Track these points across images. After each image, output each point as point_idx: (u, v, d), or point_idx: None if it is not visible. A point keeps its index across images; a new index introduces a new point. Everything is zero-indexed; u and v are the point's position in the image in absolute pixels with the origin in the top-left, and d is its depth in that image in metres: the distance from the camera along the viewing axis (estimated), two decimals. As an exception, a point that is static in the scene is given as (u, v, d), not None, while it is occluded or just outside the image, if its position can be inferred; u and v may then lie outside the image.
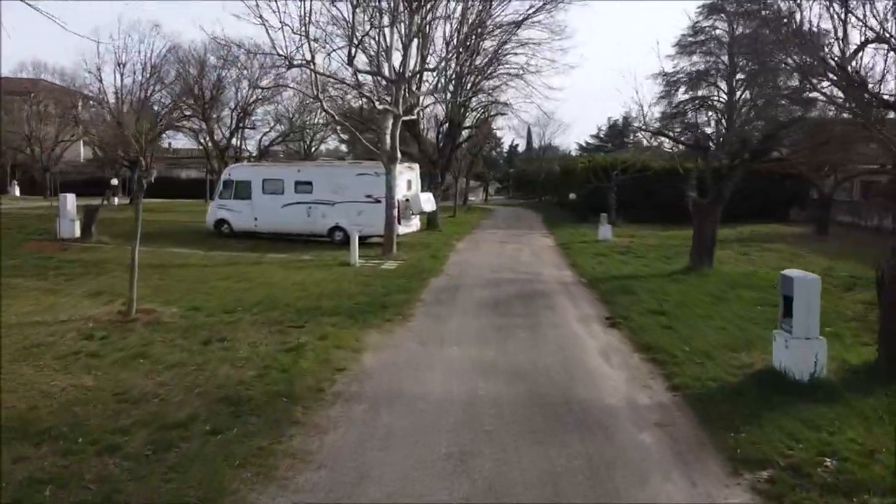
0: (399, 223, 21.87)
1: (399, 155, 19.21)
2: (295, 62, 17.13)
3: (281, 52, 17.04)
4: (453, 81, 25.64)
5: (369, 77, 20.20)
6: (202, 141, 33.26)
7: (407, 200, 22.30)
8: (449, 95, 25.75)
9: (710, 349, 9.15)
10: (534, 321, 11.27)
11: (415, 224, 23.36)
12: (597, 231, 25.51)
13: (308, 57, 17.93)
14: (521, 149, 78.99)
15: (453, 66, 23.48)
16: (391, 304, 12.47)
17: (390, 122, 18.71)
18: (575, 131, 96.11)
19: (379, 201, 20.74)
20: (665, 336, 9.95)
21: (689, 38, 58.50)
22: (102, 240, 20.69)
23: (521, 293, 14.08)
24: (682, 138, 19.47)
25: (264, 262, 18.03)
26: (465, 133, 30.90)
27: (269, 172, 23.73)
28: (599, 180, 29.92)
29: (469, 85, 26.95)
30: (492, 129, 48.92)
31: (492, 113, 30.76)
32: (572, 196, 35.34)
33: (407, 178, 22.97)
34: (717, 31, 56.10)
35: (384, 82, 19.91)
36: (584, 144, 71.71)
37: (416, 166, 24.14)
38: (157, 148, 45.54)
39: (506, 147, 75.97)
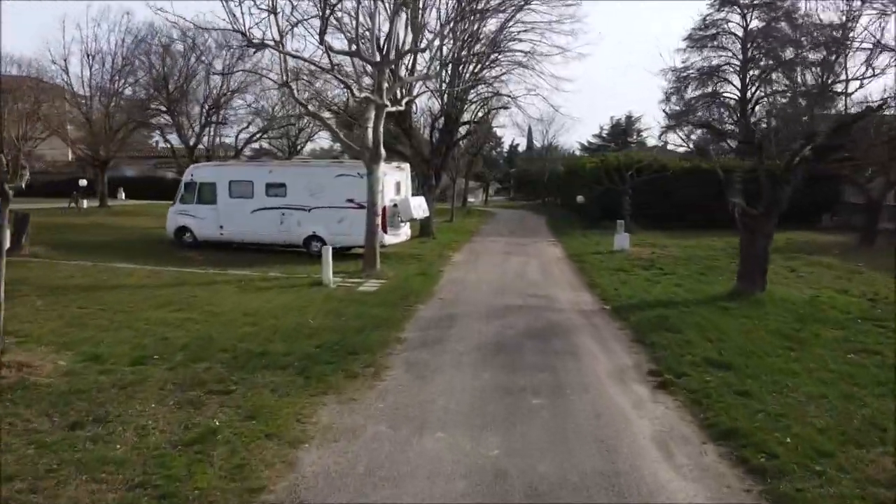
0: (385, 232, 18.88)
1: (384, 153, 16.18)
2: (254, 41, 14.07)
3: (238, 29, 13.98)
4: (449, 67, 22.55)
5: (350, 61, 17.09)
6: (167, 138, 30.21)
7: (395, 206, 19.31)
8: (444, 85, 22.76)
9: (821, 440, 6.12)
10: (553, 380, 8.22)
11: (404, 232, 20.35)
12: (611, 239, 22.58)
13: (273, 34, 14.94)
14: (521, 148, 76.37)
15: (449, 47, 20.33)
16: (362, 347, 9.45)
17: (373, 113, 15.67)
18: (577, 131, 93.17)
19: (362, 207, 17.74)
20: (744, 410, 6.92)
21: (700, 33, 55.61)
22: (35, 252, 17.67)
23: (532, 329, 11.04)
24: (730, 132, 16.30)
25: (220, 282, 14.99)
26: (462, 129, 27.76)
27: (237, 173, 20.71)
28: (612, 181, 26.92)
29: (468, 74, 23.89)
30: (492, 126, 46.02)
31: (493, 106, 27.63)
32: (580, 199, 32.31)
33: (395, 179, 19.96)
34: (730, 25, 53.16)
35: (368, 67, 16.83)
36: (586, 144, 69.04)
37: (407, 166, 21.12)
38: (131, 146, 42.44)
39: (506, 146, 73.36)
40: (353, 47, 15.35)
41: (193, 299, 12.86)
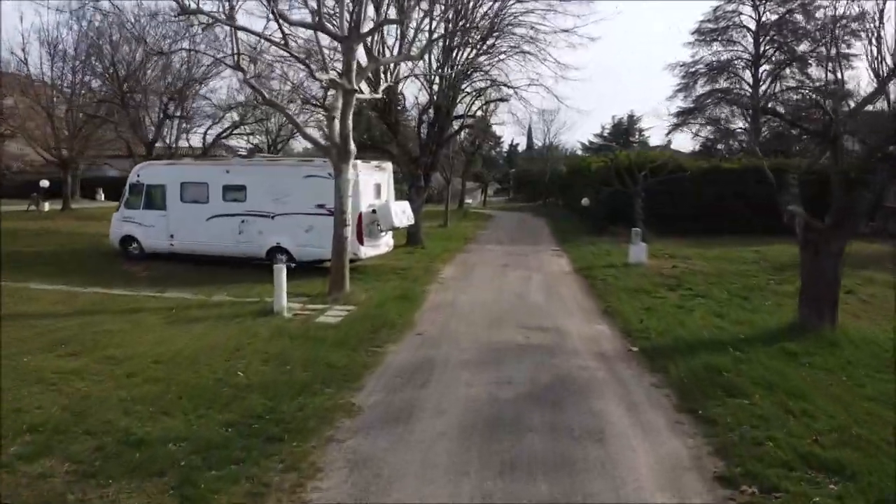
0: (362, 243, 16.03)
1: (354, 149, 13.28)
2: (189, 7, 11.18)
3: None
4: (438, 46, 19.53)
5: (315, 38, 14.06)
6: (123, 135, 27.16)
7: (373, 212, 16.40)
8: (434, 70, 19.86)
9: None
10: (572, 491, 5.32)
11: (385, 243, 17.44)
12: (623, 249, 19.79)
13: (223, 5, 12.11)
14: (521, 147, 73.87)
15: (437, 19, 17.24)
16: (295, 424, 6.62)
17: (340, 100, 12.78)
18: (579, 129, 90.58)
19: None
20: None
21: (710, 25, 52.84)
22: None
23: (537, 386, 8.12)
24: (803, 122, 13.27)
25: (148, 309, 12.08)
26: (456, 125, 24.71)
27: (190, 174, 17.74)
28: (622, 182, 24.04)
29: (461, 61, 20.91)
30: (490, 123, 43.15)
31: (491, 98, 24.68)
32: (585, 201, 29.39)
33: (375, 181, 17.05)
34: (742, 17, 50.42)
35: (334, 43, 13.90)
36: (587, 143, 66.44)
37: (389, 165, 18.18)
38: (110, 145, 39.41)
39: (506, 146, 70.82)
40: (317, 19, 12.42)
41: (100, 337, 9.98)
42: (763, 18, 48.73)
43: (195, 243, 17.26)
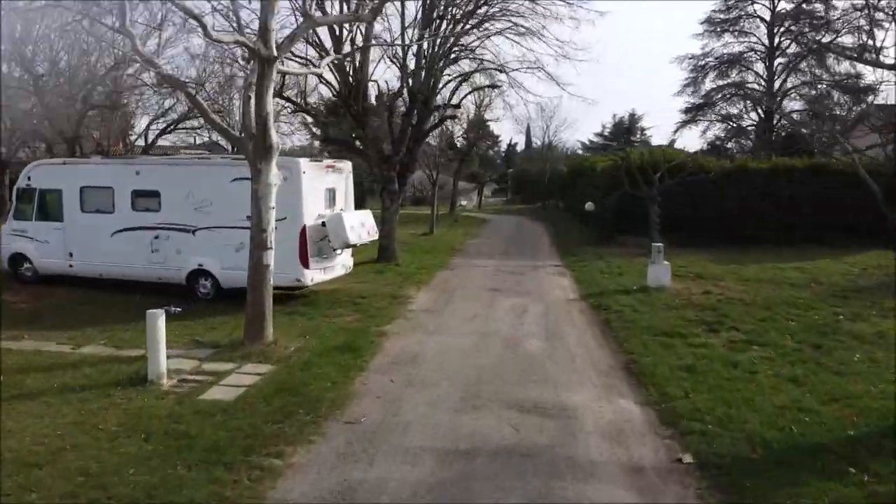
0: (307, 267, 12.40)
1: (277, 141, 9.62)
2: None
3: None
4: (417, 23, 15.82)
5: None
6: (37, 127, 23.32)
7: (323, 225, 12.74)
8: (407, 45, 16.16)
9: None
10: None
11: (341, 263, 13.77)
12: (637, 264, 16.68)
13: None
14: (520, 147, 70.61)
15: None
16: None
17: (255, 74, 9.12)
18: (579, 128, 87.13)
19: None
20: None
21: (721, 15, 49.02)
22: None
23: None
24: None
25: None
26: (437, 115, 20.88)
27: (91, 176, 13.96)
28: (635, 184, 20.52)
29: (443, 34, 17.15)
30: (485, 120, 39.65)
31: (480, 84, 20.94)
32: (590, 206, 25.76)
33: (326, 185, 13.39)
34: (755, 7, 46.66)
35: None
36: (587, 143, 63.03)
37: (347, 165, 14.45)
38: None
39: (504, 145, 67.55)
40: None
41: None
42: (778, 7, 45.27)
43: (99, 264, 13.59)
